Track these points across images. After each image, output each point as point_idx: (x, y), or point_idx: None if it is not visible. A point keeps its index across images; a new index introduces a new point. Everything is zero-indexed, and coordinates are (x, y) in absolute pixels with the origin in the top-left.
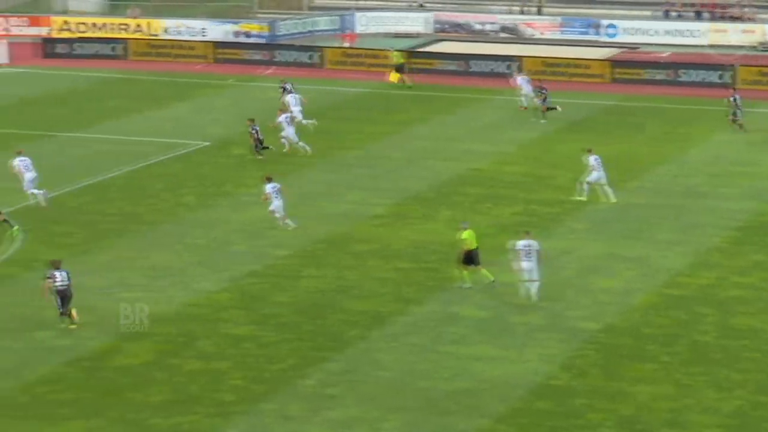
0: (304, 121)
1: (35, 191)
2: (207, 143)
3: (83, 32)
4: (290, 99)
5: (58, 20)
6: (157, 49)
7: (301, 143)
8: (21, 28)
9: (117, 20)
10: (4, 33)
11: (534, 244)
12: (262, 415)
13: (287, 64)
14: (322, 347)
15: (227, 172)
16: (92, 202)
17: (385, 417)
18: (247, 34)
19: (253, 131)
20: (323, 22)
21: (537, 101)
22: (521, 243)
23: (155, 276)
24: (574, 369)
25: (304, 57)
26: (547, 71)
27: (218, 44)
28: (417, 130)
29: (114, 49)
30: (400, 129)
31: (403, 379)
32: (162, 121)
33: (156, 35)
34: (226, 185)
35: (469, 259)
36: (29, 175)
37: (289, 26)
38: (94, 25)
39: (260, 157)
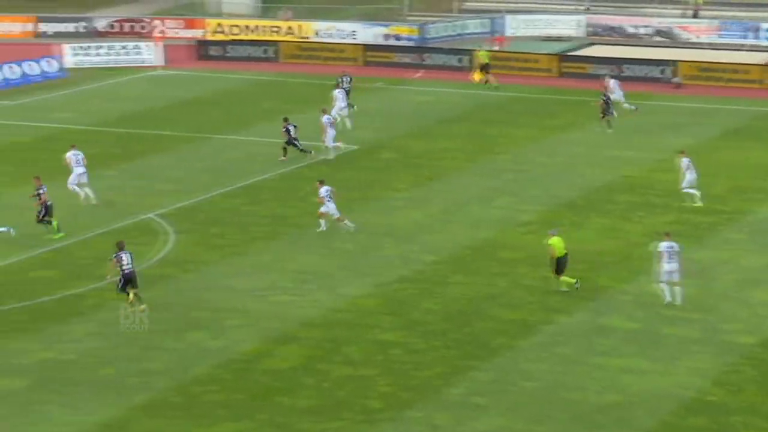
0: (346, 117)
1: (76, 188)
2: (355, 147)
3: (236, 35)
4: (338, 93)
5: (212, 23)
6: (308, 51)
7: (334, 144)
8: (176, 31)
9: (269, 23)
10: (160, 35)
11: (676, 245)
12: (408, 423)
13: (437, 67)
14: (470, 356)
15: (375, 176)
16: (245, 203)
17: (531, 428)
18: (397, 37)
19: (286, 130)
20: (473, 25)
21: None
22: (664, 244)
23: (304, 279)
24: (729, 385)
25: (453, 60)
26: (701, 76)
27: (368, 47)
28: (567, 136)
29: (266, 52)
30: (550, 134)
31: (551, 390)
32: (311, 123)
33: (307, 38)
34: (374, 189)
35: (558, 265)
36: (79, 170)
37: (439, 29)
38: (246, 27)
39: (282, 158)
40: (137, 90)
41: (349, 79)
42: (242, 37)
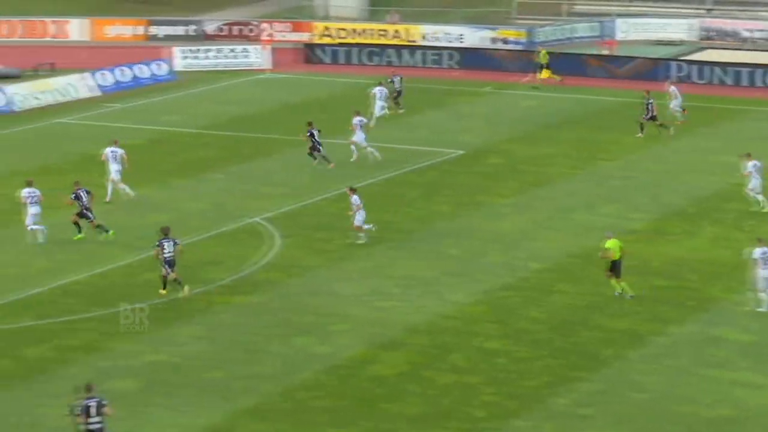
0: (380, 112)
1: (122, 186)
2: (461, 152)
3: (343, 38)
4: (377, 92)
5: (319, 26)
6: (414, 55)
7: (369, 149)
8: (284, 34)
9: (376, 26)
10: (268, 39)
11: None
12: None
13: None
14: (576, 366)
15: (482, 182)
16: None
17: None
18: (505, 41)
19: (310, 134)
20: (582, 29)
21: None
22: (758, 251)
23: (408, 285)
24: None
25: (561, 64)
26: None
27: (475, 50)
28: (676, 143)
29: (371, 55)
30: (658, 140)
31: (661, 402)
32: (417, 128)
33: (414, 41)
34: (481, 195)
35: (613, 268)
36: (114, 167)
37: (547, 33)
38: (353, 30)
39: (315, 162)
40: (245, 93)
41: (399, 79)
42: (349, 40)
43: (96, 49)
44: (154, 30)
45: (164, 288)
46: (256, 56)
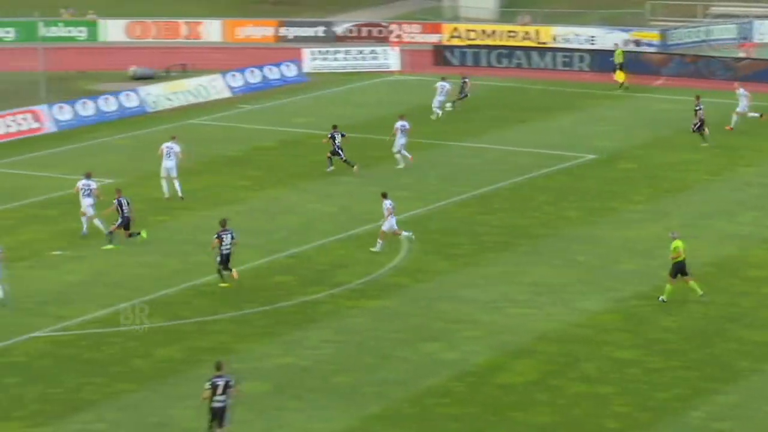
0: (437, 111)
1: (172, 178)
2: (593, 156)
3: (472, 39)
4: (438, 86)
5: (449, 27)
6: (544, 57)
7: (401, 153)
8: (414, 35)
9: (506, 27)
10: (397, 40)
11: None
12: None
13: (679, 74)
14: (711, 377)
15: (613, 187)
16: (477, 213)
17: None
18: (638, 43)
19: (331, 137)
20: (718, 31)
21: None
22: None
23: (538, 292)
24: None
25: (697, 67)
26: None
27: (607, 53)
28: None
29: (500, 57)
30: None
31: None
32: (547, 131)
33: (544, 43)
34: (612, 201)
35: (679, 269)
36: (167, 163)
37: (681, 35)
38: (483, 32)
39: (330, 168)
40: (375, 95)
41: (467, 81)
42: (479, 42)
43: (227, 50)
44: (284, 31)
45: (222, 280)
46: (386, 58)
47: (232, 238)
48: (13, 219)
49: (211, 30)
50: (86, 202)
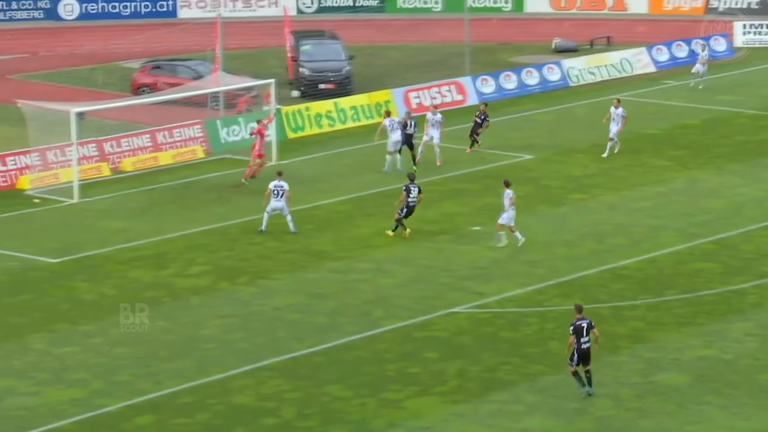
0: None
1: (397, 157)
2: None
3: None
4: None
5: None
6: None
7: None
8: None
9: None
10: None
11: None
12: None
13: None
14: None
15: None
16: None
17: None
18: None
19: (403, 126)
20: None
21: None
22: None
23: None
24: None
25: None
26: None
27: None
28: None
29: None
30: None
31: None
32: None
33: None
34: None
35: None
36: (395, 136)
37: None
38: None
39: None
40: None
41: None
42: None
43: (652, 22)
44: (714, 2)
45: (394, 230)
46: None
47: (419, 191)
48: (436, 192)
49: (637, 2)
50: (274, 204)
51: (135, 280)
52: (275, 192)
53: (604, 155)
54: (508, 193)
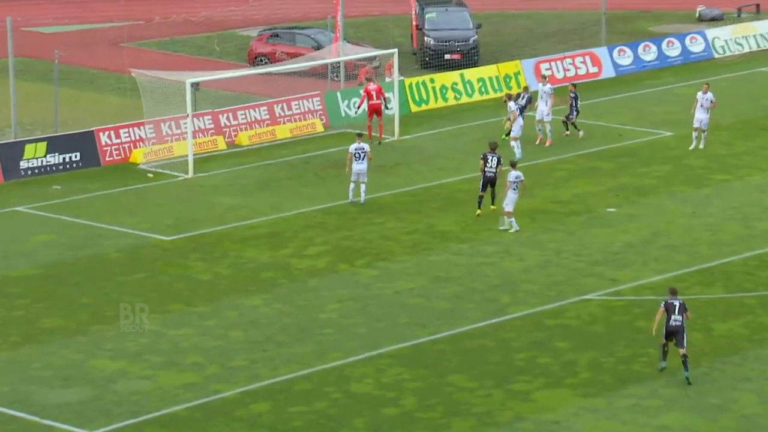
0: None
1: (514, 140)
2: None
3: None
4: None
5: None
6: None
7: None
8: None
9: None
10: None
11: None
12: None
13: None
14: None
15: None
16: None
17: None
18: None
19: (520, 109)
20: None
21: None
22: None
23: None
24: None
25: None
26: None
27: None
28: None
29: None
30: None
31: None
32: None
33: None
34: None
35: None
36: (357, 167)
37: None
38: None
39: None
40: None
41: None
42: None
43: None
44: None
45: (480, 208)
46: None
47: (499, 162)
48: (565, 170)
49: None
50: (356, 168)
51: (251, 260)
52: (356, 155)
53: (691, 148)
54: (518, 175)
